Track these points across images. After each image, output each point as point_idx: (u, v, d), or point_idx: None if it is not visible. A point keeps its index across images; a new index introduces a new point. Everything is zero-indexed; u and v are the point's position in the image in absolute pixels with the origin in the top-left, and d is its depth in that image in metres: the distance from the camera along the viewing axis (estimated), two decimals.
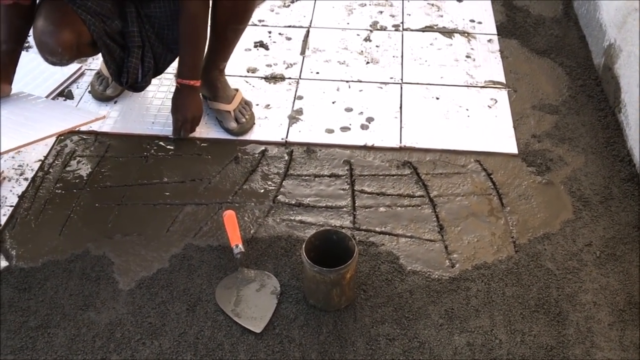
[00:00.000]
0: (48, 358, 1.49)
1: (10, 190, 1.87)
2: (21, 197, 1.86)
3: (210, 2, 1.84)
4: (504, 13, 2.59)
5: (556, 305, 1.59)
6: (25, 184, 1.89)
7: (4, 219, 1.79)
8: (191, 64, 1.92)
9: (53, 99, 2.18)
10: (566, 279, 1.65)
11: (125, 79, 1.92)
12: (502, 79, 2.26)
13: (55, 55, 1.77)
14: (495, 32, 2.48)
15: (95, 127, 2.08)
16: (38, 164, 1.96)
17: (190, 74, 1.93)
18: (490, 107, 2.15)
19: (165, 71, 2.07)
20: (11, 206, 1.83)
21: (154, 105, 2.16)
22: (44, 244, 1.74)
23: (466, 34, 2.47)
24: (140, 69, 1.91)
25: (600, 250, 1.71)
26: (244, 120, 2.06)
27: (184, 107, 1.98)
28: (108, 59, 1.88)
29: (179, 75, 1.94)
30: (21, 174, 1.92)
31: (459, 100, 2.18)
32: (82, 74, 2.29)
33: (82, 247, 1.73)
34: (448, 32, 2.48)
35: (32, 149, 1.99)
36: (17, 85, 2.16)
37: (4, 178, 1.86)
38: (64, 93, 2.21)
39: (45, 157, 1.98)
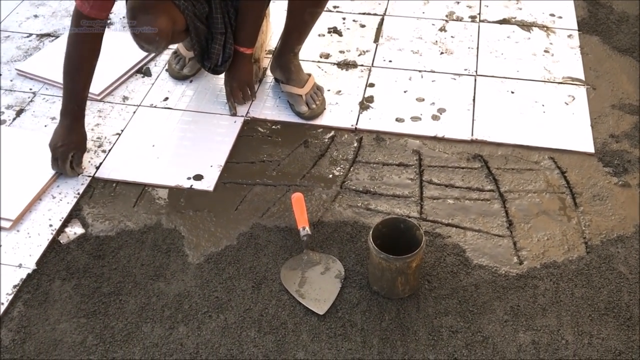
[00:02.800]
0: (119, 323, 1.55)
1: (89, 162, 1.94)
2: (98, 168, 1.93)
3: None
4: (585, 8, 2.51)
5: (627, 309, 1.55)
6: (103, 155, 1.96)
7: (82, 188, 1.87)
8: (247, 30, 1.95)
9: (131, 75, 2.25)
10: (638, 284, 1.59)
11: (208, 63, 1.97)
12: (581, 76, 2.19)
13: (152, 43, 1.77)
14: (576, 28, 2.40)
15: (171, 104, 2.14)
16: (116, 137, 2.02)
17: (245, 41, 1.96)
18: (567, 104, 2.09)
19: None
20: (89, 176, 1.90)
21: None
22: (119, 215, 1.80)
23: (545, 28, 2.41)
24: (221, 55, 1.95)
25: None
26: (314, 105, 2.07)
27: (233, 73, 2.03)
28: (195, 42, 1.91)
29: (236, 41, 1.96)
30: (99, 146, 2.00)
31: (534, 96, 2.13)
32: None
33: (155, 220, 1.78)
34: (526, 26, 2.42)
35: (112, 123, 2.07)
36: (98, 62, 2.24)
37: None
38: (142, 70, 2.28)
39: (122, 131, 2.05)
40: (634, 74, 2.20)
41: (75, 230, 1.76)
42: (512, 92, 2.14)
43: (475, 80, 2.20)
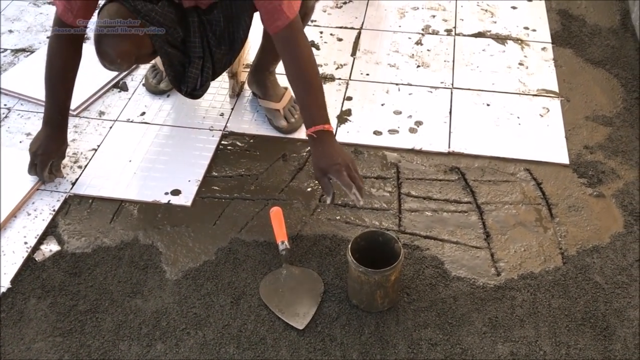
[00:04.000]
0: (95, 342, 1.53)
1: (65, 178, 1.92)
2: (74, 184, 1.91)
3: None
4: (559, 21, 2.55)
5: (603, 319, 1.56)
6: (79, 171, 1.95)
7: (57, 205, 1.84)
8: (317, 105, 1.70)
9: (108, 90, 2.23)
10: (615, 294, 1.61)
11: (185, 87, 1.89)
12: (555, 88, 2.23)
13: (113, 64, 1.75)
14: (550, 41, 2.44)
15: (148, 119, 2.13)
16: (92, 153, 2.01)
17: (321, 118, 1.69)
18: (542, 116, 2.12)
19: None
20: (65, 192, 1.88)
21: (205, 100, 2.20)
22: (95, 231, 1.78)
23: (520, 41, 2.44)
24: (199, 79, 1.88)
25: None
26: (293, 119, 2.08)
27: (336, 154, 1.65)
28: (167, 67, 1.85)
29: (310, 123, 1.69)
30: (75, 162, 1.98)
31: (510, 108, 2.15)
32: (137, 67, 2.34)
33: (132, 236, 1.77)
34: (501, 39, 2.46)
35: (88, 138, 2.05)
36: None
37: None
38: (119, 85, 2.27)
39: (99, 146, 2.03)
40: (606, 86, 2.24)
41: (50, 247, 1.74)
42: (488, 105, 2.17)
43: (451, 92, 2.22)
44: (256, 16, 1.78)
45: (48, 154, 1.85)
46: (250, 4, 1.74)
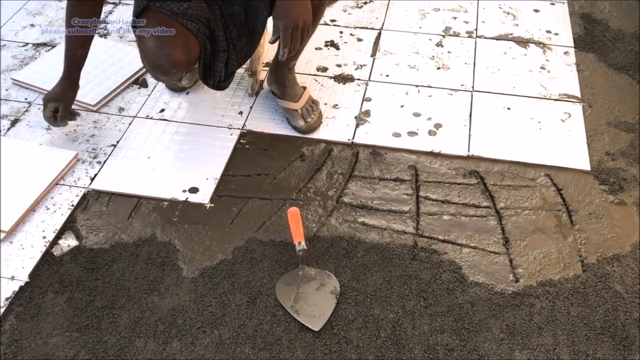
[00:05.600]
0: (112, 338, 1.53)
1: (86, 173, 1.93)
2: (93, 179, 1.91)
3: None
4: (582, 25, 2.52)
5: (623, 329, 1.54)
6: (98, 167, 1.95)
7: (76, 200, 1.85)
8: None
9: (128, 86, 2.24)
10: (635, 303, 1.59)
11: (211, 80, 1.91)
12: (577, 93, 2.20)
13: (168, 74, 1.76)
14: (572, 45, 2.42)
15: (168, 115, 2.13)
16: (111, 149, 2.01)
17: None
18: (563, 121, 2.10)
19: None
20: (84, 187, 1.89)
21: (223, 98, 2.20)
22: (113, 227, 1.79)
23: (542, 45, 2.42)
24: (224, 71, 1.89)
25: None
26: (310, 118, 2.07)
27: (295, 11, 1.68)
28: (201, 61, 1.85)
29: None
30: (94, 157, 1.98)
31: (531, 112, 2.13)
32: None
33: (150, 233, 1.77)
34: (523, 42, 2.43)
35: (107, 134, 2.06)
36: (94, 72, 2.24)
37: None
38: (139, 81, 2.27)
39: (118, 142, 2.04)
40: (629, 92, 2.21)
41: (68, 242, 1.75)
42: (509, 108, 2.15)
43: (471, 95, 2.20)
44: None
45: (49, 96, 1.95)
46: None
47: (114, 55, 2.31)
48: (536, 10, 2.60)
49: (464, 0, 2.66)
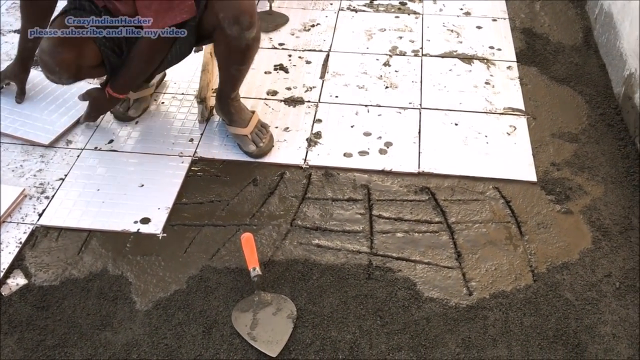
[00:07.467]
0: None
1: (33, 209, 1.89)
2: (41, 215, 1.88)
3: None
4: (523, 40, 2.59)
5: (575, 336, 1.57)
6: (46, 202, 1.92)
7: (24, 237, 1.81)
8: (126, 80, 1.95)
9: (78, 120, 2.20)
10: (585, 310, 1.63)
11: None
12: (522, 106, 2.26)
13: (53, 74, 1.85)
14: (515, 59, 2.48)
15: (117, 146, 2.11)
16: (59, 182, 1.98)
17: (121, 89, 1.98)
18: (509, 134, 2.15)
19: (186, 93, 2.09)
20: (32, 224, 1.85)
21: (174, 126, 2.19)
22: (63, 263, 1.75)
23: (485, 61, 2.48)
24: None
25: (619, 281, 1.69)
26: (262, 143, 2.07)
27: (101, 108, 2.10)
28: (108, 69, 1.96)
29: (111, 86, 1.96)
30: (42, 192, 1.95)
31: (477, 127, 2.18)
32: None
33: (101, 267, 1.74)
34: (467, 58, 2.49)
35: (55, 168, 2.02)
36: (40, 105, 2.20)
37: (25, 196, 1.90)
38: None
39: (66, 175, 2.00)
40: (572, 103, 2.28)
41: (17, 281, 1.71)
42: (456, 124, 2.19)
43: (420, 113, 2.24)
44: None
45: (5, 75, 2.20)
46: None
47: (60, 88, 2.28)
48: (479, 27, 2.66)
49: (409, 19, 2.71)
